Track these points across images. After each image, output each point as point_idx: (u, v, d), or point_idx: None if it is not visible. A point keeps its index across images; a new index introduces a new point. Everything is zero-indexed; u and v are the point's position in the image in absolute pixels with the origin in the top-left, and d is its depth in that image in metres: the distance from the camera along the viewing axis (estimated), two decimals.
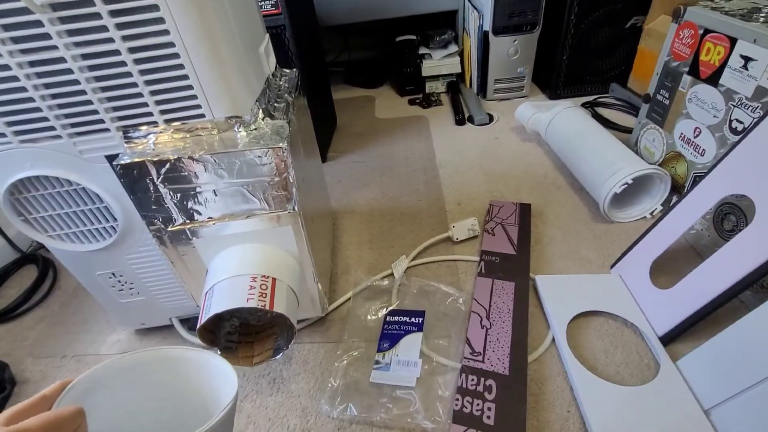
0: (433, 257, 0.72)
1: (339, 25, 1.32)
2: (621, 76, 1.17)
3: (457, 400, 0.49)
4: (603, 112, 1.11)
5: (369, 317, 0.62)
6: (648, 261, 0.60)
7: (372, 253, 0.75)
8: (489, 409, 0.48)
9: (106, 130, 0.43)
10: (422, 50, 1.32)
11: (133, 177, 0.43)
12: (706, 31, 0.65)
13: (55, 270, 0.82)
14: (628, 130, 0.97)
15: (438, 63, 1.29)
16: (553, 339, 0.57)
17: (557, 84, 1.20)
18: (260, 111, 0.47)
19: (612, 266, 0.66)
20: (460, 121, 1.15)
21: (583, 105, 1.15)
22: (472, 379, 0.51)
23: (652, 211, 0.75)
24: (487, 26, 1.14)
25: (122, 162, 0.42)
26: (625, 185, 0.69)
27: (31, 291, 0.76)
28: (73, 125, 0.42)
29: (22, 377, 0.62)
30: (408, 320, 0.59)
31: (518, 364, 0.52)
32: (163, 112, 0.42)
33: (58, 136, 0.43)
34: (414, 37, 1.34)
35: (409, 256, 0.71)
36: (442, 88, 1.35)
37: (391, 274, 0.69)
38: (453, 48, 1.31)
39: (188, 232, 0.47)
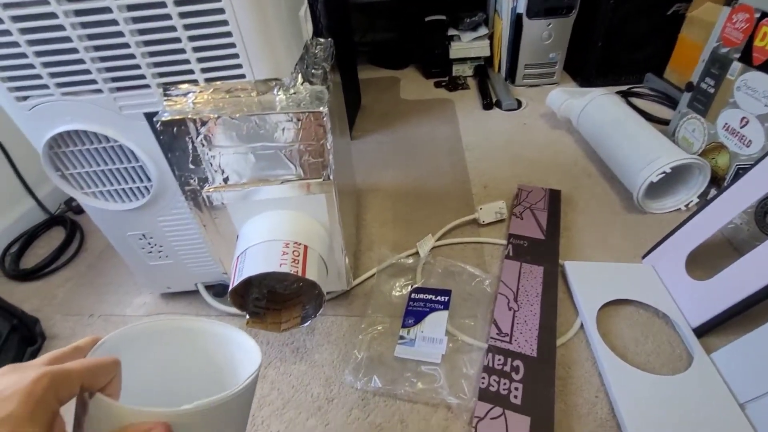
0: (458, 238, 0.71)
1: (367, 2, 1.30)
2: (657, 66, 1.12)
3: (483, 378, 0.49)
4: (637, 102, 1.07)
5: (394, 293, 0.62)
6: (684, 252, 0.58)
7: (396, 231, 0.75)
8: (516, 389, 0.47)
9: (147, 86, 0.43)
10: (451, 32, 1.29)
11: (172, 134, 0.42)
12: (763, 15, 0.62)
13: (82, 232, 0.83)
14: (663, 122, 0.94)
15: (467, 45, 1.26)
16: (582, 325, 0.56)
17: (590, 72, 1.16)
18: (299, 75, 0.46)
19: (644, 256, 0.64)
20: (487, 106, 1.12)
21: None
22: (499, 359, 0.50)
23: (688, 203, 0.72)
24: (521, 8, 1.10)
25: (163, 118, 0.41)
26: (663, 174, 0.67)
27: (59, 251, 0.77)
28: (114, 79, 0.42)
29: (51, 333, 0.63)
30: (434, 298, 0.59)
31: (547, 347, 0.51)
32: (204, 70, 0.42)
33: (99, 90, 0.43)
34: (443, 17, 1.31)
35: (435, 235, 0.71)
36: (469, 72, 1.32)
37: (416, 253, 0.68)
38: (483, 30, 1.27)
39: (222, 194, 0.47)
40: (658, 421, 0.44)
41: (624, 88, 1.14)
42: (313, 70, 0.51)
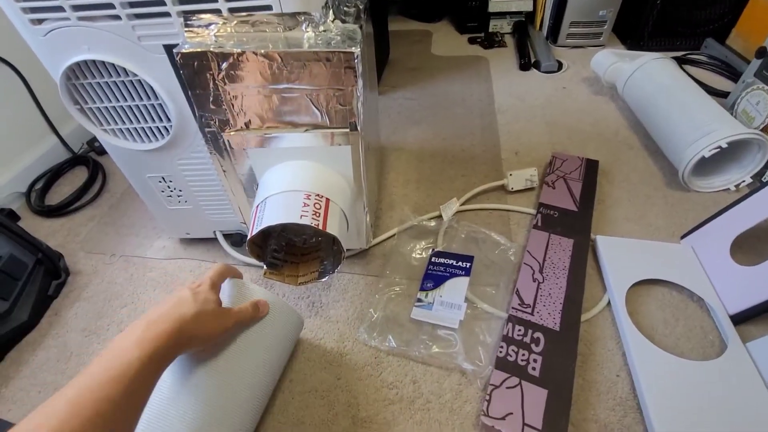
0: (484, 204, 0.68)
1: None
2: (720, 30, 1.01)
3: (501, 347, 0.47)
4: (692, 71, 0.98)
5: (413, 256, 0.60)
6: (730, 235, 0.54)
7: (419, 192, 0.72)
8: (535, 360, 0.46)
9: (167, 14, 0.39)
10: None
11: (192, 69, 0.39)
12: None
13: (105, 173, 0.83)
14: (721, 94, 0.86)
15: None
16: (609, 302, 0.53)
17: (642, 34, 1.06)
18: (330, 11, 0.42)
19: (683, 236, 0.60)
20: (524, 66, 1.04)
21: None
22: (519, 330, 0.49)
23: (738, 184, 0.67)
24: None
25: (183, 50, 0.38)
26: (717, 149, 0.61)
27: (82, 191, 0.78)
28: (132, 4, 0.39)
29: (75, 269, 0.64)
30: (455, 263, 0.57)
31: (570, 322, 0.49)
32: None
33: (117, 17, 0.40)
34: None
35: (460, 200, 0.68)
36: (508, 28, 1.22)
37: (439, 216, 0.66)
38: None
39: (243, 139, 0.45)
40: (682, 405, 0.42)
41: (679, 53, 1.03)
42: (345, 7, 0.47)
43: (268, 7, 0.39)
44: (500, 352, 0.47)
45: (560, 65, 1.05)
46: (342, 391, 0.47)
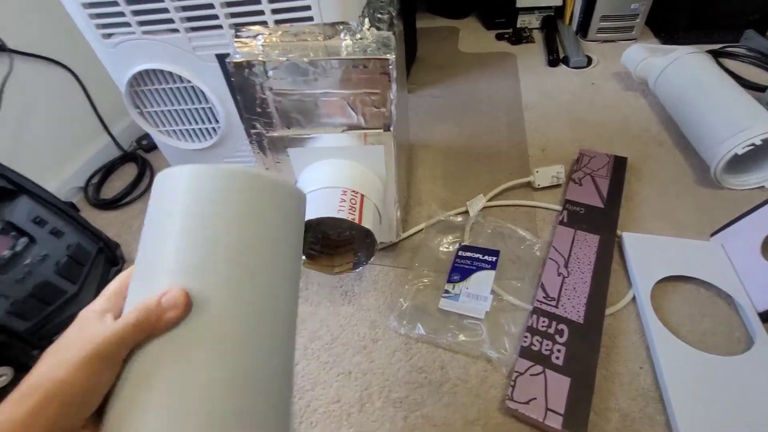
0: (510, 200, 0.70)
1: None
2: (761, 21, 0.98)
3: (526, 337, 0.50)
4: (729, 64, 0.95)
5: (441, 249, 0.63)
6: (762, 234, 0.53)
7: (446, 189, 0.74)
8: (559, 350, 0.48)
9: (219, 27, 0.44)
10: None
11: (242, 76, 0.43)
12: None
13: (152, 169, 0.89)
14: (759, 88, 0.83)
15: None
16: (634, 298, 0.54)
17: (676, 27, 1.03)
18: (366, 20, 0.45)
19: (713, 234, 0.60)
20: (553, 62, 1.04)
21: None
22: (543, 321, 0.51)
23: None
24: None
25: (235, 59, 0.42)
26: (751, 146, 0.61)
27: (132, 185, 0.84)
28: (189, 19, 0.43)
29: (130, 257, 0.71)
30: (481, 257, 0.59)
31: (594, 315, 0.51)
32: (275, 11, 0.42)
33: (176, 30, 0.44)
34: None
35: (486, 196, 0.70)
36: (536, 24, 1.21)
37: (465, 212, 0.68)
38: None
39: (286, 139, 0.49)
40: (705, 399, 0.44)
41: (716, 47, 1.00)
42: (378, 15, 0.50)
43: (310, 18, 0.43)
44: (525, 341, 0.49)
45: (590, 60, 1.04)
46: (375, 374, 0.51)
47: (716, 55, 0.98)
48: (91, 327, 0.21)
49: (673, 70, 0.80)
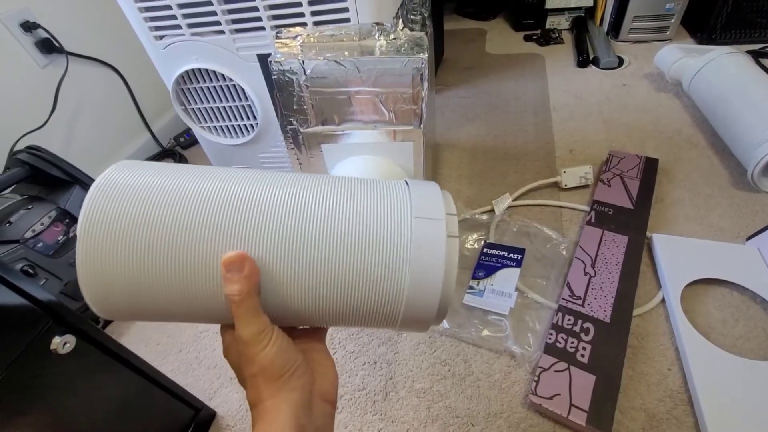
0: (536, 200, 0.70)
1: None
2: None
3: (551, 334, 0.50)
4: None
5: (466, 246, 0.64)
6: None
7: (471, 187, 0.75)
8: (584, 348, 0.48)
9: (262, 28, 0.46)
10: None
11: (282, 74, 0.46)
12: None
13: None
14: None
15: None
16: (663, 299, 0.54)
17: (714, 26, 1.00)
18: (400, 20, 0.47)
19: (749, 238, 0.59)
20: (583, 63, 1.03)
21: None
22: (569, 319, 0.51)
23: None
24: None
25: (276, 59, 0.45)
26: None
27: None
28: (234, 21, 0.46)
29: None
30: (506, 255, 0.60)
31: (621, 315, 0.50)
32: (314, 13, 0.44)
33: (222, 32, 0.47)
34: None
35: (512, 195, 0.70)
36: (566, 25, 1.20)
37: (491, 210, 0.69)
38: None
39: (320, 135, 0.51)
40: (736, 403, 0.43)
41: (756, 47, 0.97)
42: (411, 16, 0.51)
43: (347, 20, 0.45)
44: (549, 338, 0.49)
45: (621, 61, 1.02)
46: (399, 365, 0.52)
47: (756, 55, 0.95)
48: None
49: (709, 71, 0.78)
